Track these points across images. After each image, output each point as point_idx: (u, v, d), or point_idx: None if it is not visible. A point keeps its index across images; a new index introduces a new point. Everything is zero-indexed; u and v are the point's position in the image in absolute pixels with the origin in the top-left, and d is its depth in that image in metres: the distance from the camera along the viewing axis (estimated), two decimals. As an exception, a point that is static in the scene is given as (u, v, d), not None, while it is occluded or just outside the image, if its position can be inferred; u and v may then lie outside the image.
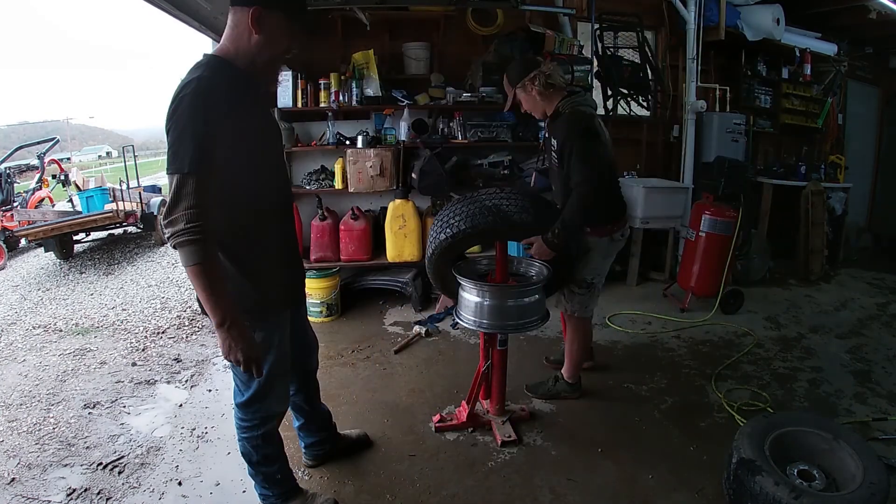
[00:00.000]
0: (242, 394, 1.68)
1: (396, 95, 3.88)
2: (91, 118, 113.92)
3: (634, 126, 4.88)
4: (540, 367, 3.00)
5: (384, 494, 2.00)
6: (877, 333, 3.55)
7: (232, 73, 1.44)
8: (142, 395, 2.84)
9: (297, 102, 3.80)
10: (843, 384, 2.82)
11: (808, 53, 5.48)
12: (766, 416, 1.99)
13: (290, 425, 2.08)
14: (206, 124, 1.34)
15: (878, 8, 4.90)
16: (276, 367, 1.65)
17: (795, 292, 4.38)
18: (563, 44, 4.09)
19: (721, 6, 4.66)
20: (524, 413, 2.48)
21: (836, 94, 5.83)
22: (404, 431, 2.40)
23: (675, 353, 3.22)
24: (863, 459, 1.70)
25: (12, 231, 6.60)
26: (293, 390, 1.93)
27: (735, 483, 1.75)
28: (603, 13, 4.50)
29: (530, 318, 2.21)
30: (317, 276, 3.67)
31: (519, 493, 2.00)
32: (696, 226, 3.83)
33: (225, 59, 1.45)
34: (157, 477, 2.12)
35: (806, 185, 4.80)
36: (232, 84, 1.43)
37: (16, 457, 2.27)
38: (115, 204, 6.47)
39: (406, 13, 3.84)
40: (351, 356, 3.18)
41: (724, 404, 2.57)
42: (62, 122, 48.74)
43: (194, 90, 1.35)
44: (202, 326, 3.82)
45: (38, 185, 8.18)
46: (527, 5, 3.93)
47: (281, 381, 1.73)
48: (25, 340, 3.76)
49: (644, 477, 2.08)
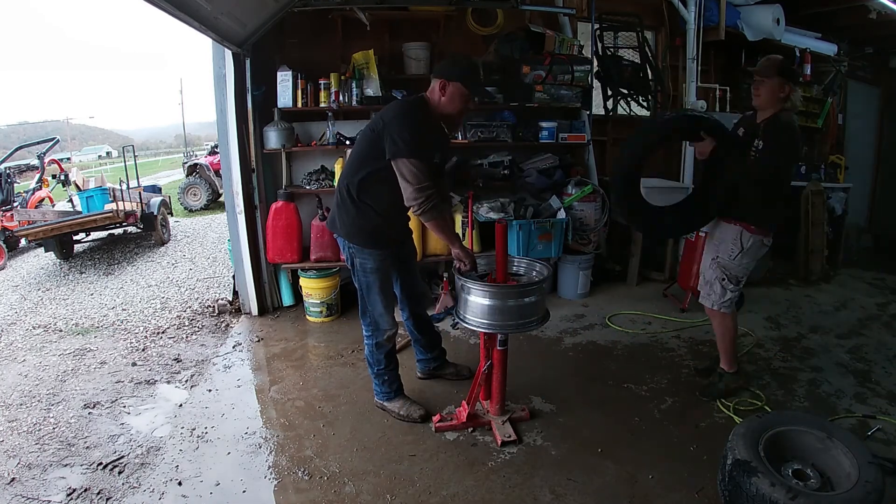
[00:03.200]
0: (360, 310, 2.46)
1: (396, 95, 3.87)
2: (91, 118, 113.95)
3: (634, 126, 4.88)
4: (540, 367, 3.00)
5: (384, 494, 2.00)
6: (877, 333, 3.55)
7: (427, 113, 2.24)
8: (142, 395, 2.84)
9: (297, 102, 3.80)
10: (843, 384, 2.82)
11: (808, 53, 5.47)
12: (759, 417, 1.98)
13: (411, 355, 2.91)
14: None
15: (878, 8, 4.91)
16: (377, 285, 2.37)
17: (795, 292, 4.38)
18: (563, 44, 4.09)
19: (721, 6, 4.66)
20: (524, 413, 2.48)
21: (836, 94, 5.83)
22: (404, 431, 2.40)
23: (675, 353, 3.22)
24: (857, 458, 1.70)
25: (12, 231, 6.60)
26: (405, 316, 2.71)
27: (730, 484, 1.75)
28: (603, 13, 4.50)
29: (530, 318, 2.21)
30: (317, 276, 3.67)
31: (519, 493, 2.00)
32: (696, 226, 3.82)
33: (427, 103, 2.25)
34: (157, 477, 2.12)
35: (806, 186, 4.80)
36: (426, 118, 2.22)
37: (16, 457, 2.27)
38: (115, 204, 6.46)
39: (406, 13, 3.85)
40: (351, 356, 3.18)
41: (722, 405, 2.57)
42: (62, 123, 48.80)
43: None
44: (202, 326, 3.82)
45: (38, 185, 8.17)
46: (527, 5, 3.94)
47: (383, 299, 2.39)
48: (25, 340, 3.76)
49: (644, 477, 2.08)
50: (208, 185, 10.94)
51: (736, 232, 2.48)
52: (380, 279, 2.37)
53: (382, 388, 2.53)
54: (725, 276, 2.53)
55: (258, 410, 2.66)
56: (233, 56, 3.47)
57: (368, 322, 2.44)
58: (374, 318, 2.42)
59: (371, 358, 2.50)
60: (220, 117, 3.63)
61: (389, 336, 2.46)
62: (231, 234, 3.81)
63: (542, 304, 2.26)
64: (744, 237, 2.46)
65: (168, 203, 8.35)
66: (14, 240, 6.84)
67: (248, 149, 3.70)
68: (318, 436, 2.39)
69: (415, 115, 2.17)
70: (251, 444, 2.33)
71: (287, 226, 3.75)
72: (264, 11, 3.30)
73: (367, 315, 2.43)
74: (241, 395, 2.79)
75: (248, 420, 2.54)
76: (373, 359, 2.49)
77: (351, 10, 3.70)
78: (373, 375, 2.54)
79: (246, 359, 3.25)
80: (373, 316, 2.41)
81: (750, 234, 2.46)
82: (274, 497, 2.03)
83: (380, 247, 2.34)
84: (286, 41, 3.94)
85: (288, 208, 3.77)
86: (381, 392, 2.54)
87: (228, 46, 3.35)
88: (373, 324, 2.43)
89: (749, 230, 2.46)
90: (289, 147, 3.80)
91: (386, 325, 2.42)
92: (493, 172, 4.03)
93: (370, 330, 2.45)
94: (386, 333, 2.44)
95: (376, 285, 2.37)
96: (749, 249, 2.48)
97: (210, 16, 2.79)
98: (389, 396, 2.53)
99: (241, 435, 2.40)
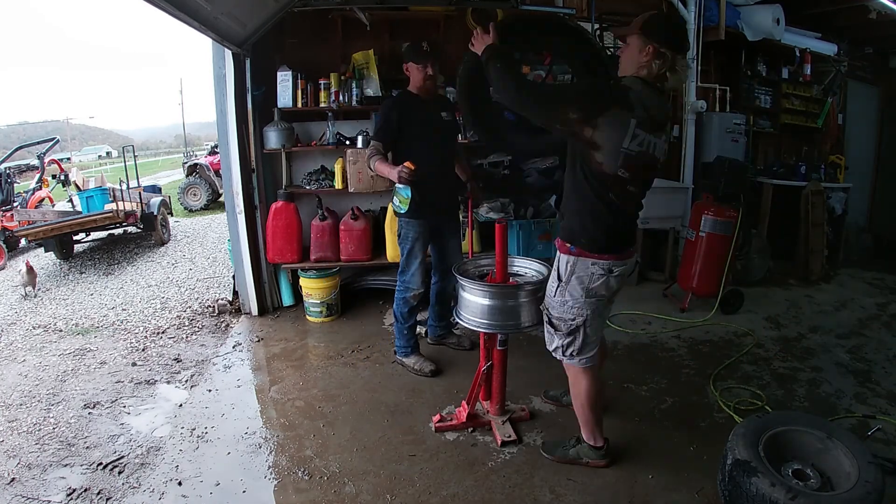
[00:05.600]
0: (399, 268, 2.88)
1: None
2: (91, 118, 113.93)
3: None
4: (540, 367, 3.00)
5: (384, 494, 2.00)
6: (877, 333, 3.55)
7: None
8: (142, 395, 2.84)
9: (297, 102, 3.80)
10: (843, 384, 2.82)
11: (808, 53, 5.48)
12: (759, 417, 1.98)
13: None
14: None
15: (878, 8, 4.90)
16: (412, 253, 2.82)
17: (795, 292, 4.38)
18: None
19: (721, 6, 4.66)
20: (524, 413, 2.48)
21: (836, 94, 5.83)
22: (404, 431, 2.40)
23: (675, 353, 3.22)
24: (857, 458, 1.70)
25: (12, 231, 6.60)
26: (435, 280, 3.06)
27: (730, 484, 1.75)
28: (603, 13, 4.50)
29: (530, 318, 2.21)
30: (317, 276, 3.67)
31: (519, 493, 2.00)
32: (697, 226, 3.83)
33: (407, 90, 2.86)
34: (157, 477, 2.12)
35: (806, 186, 4.80)
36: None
37: (16, 457, 2.27)
38: (115, 204, 6.46)
39: (406, 13, 3.84)
40: (351, 356, 3.18)
41: (723, 405, 2.57)
42: (62, 122, 48.79)
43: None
44: (202, 326, 3.82)
45: (38, 185, 8.17)
46: (527, 5, 3.93)
47: (417, 263, 2.83)
48: (25, 340, 3.76)
49: (644, 477, 2.08)
50: (208, 185, 10.94)
51: None
52: (416, 246, 2.82)
53: (401, 341, 2.95)
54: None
55: (258, 410, 2.66)
56: (233, 56, 3.47)
57: (403, 280, 2.87)
58: (407, 278, 2.86)
59: (398, 311, 2.91)
60: (220, 117, 3.63)
61: (416, 295, 2.88)
62: (231, 234, 3.81)
63: (542, 303, 2.26)
64: None
65: (168, 203, 8.35)
66: (14, 240, 6.84)
67: (248, 149, 3.70)
68: (318, 436, 2.39)
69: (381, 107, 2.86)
70: (251, 444, 2.33)
71: (287, 226, 3.75)
72: (264, 11, 3.30)
73: (405, 273, 2.86)
74: (241, 395, 2.79)
75: (248, 420, 2.54)
76: (399, 312, 2.91)
77: (351, 10, 3.70)
78: (396, 331, 2.97)
79: (246, 359, 3.25)
80: (406, 275, 2.85)
81: None
82: (274, 497, 2.03)
83: (416, 217, 2.76)
84: (286, 41, 3.94)
85: (288, 208, 3.77)
86: (400, 347, 2.96)
87: (228, 46, 3.35)
88: (406, 282, 2.86)
89: None
90: (289, 147, 3.80)
91: (415, 285, 2.85)
92: (493, 172, 4.03)
93: (402, 286, 2.87)
94: (413, 292, 2.86)
95: (413, 251, 2.83)
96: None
97: (210, 16, 2.79)
98: (407, 352, 2.95)
99: (241, 435, 2.40)
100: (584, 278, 1.89)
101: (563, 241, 1.93)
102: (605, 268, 1.88)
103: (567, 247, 1.91)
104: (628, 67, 1.87)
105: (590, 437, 2.12)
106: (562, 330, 1.98)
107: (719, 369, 2.95)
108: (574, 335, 1.96)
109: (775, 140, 5.72)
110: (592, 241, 1.87)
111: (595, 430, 2.11)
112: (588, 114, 1.76)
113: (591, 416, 2.08)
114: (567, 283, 1.91)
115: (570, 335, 1.97)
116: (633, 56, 1.85)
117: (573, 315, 1.93)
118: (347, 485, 2.05)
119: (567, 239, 1.92)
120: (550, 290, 1.99)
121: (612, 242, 1.89)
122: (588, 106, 1.78)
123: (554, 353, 2.05)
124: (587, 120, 1.76)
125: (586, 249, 1.88)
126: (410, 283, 2.86)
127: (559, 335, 1.99)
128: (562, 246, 1.94)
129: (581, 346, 1.97)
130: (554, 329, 2.00)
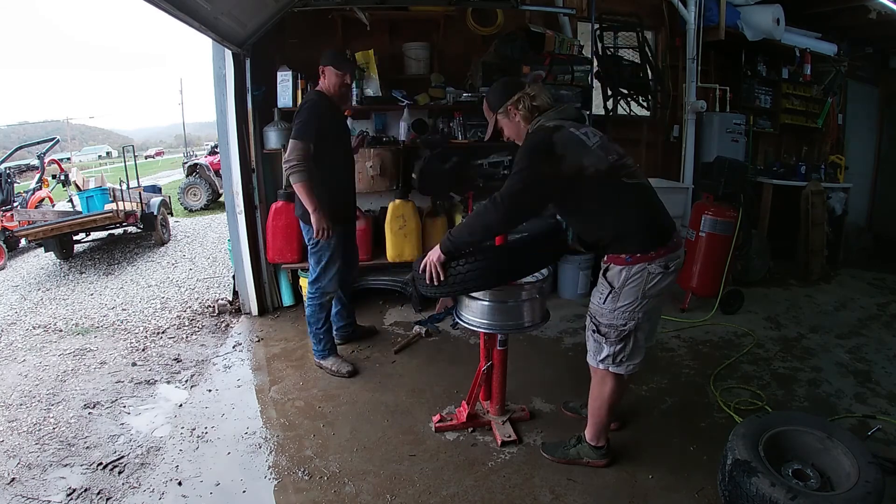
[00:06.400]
0: (312, 275, 2.91)
1: (396, 95, 3.88)
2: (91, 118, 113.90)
3: (634, 126, 4.88)
4: (540, 367, 3.00)
5: (384, 494, 2.00)
6: (877, 333, 3.55)
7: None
8: (142, 395, 2.84)
9: (296, 102, 3.78)
10: (843, 384, 2.82)
11: (808, 53, 5.48)
12: (759, 417, 1.98)
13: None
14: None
15: (878, 8, 4.90)
16: (331, 260, 2.84)
17: (795, 292, 4.38)
18: (563, 44, 4.09)
19: (721, 6, 4.66)
20: (524, 413, 2.48)
21: (836, 94, 5.83)
22: (404, 431, 2.40)
23: (676, 353, 3.22)
24: (857, 458, 1.70)
25: (12, 231, 6.60)
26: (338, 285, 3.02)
27: (730, 484, 1.74)
28: (603, 13, 4.50)
29: (530, 318, 2.21)
30: (317, 276, 3.67)
31: (519, 493, 2.00)
32: (697, 226, 3.83)
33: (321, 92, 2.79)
34: (157, 477, 2.12)
35: (806, 185, 4.80)
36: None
37: (16, 457, 2.27)
38: (115, 204, 6.47)
39: (406, 13, 3.84)
40: (351, 356, 3.18)
41: (723, 405, 2.57)
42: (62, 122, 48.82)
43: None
44: (202, 326, 3.82)
45: (38, 185, 8.18)
46: (527, 5, 3.93)
47: (332, 269, 2.86)
48: (25, 340, 3.77)
49: (644, 477, 2.08)
50: (208, 185, 10.94)
51: None
52: (336, 253, 2.86)
53: (318, 346, 2.99)
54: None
55: (258, 410, 2.66)
56: (233, 56, 3.47)
57: (319, 287, 2.91)
58: (323, 284, 2.89)
59: (313, 317, 2.95)
60: (220, 117, 3.63)
61: (330, 298, 2.99)
62: (231, 234, 3.81)
63: (542, 304, 2.26)
64: None
65: (168, 203, 8.35)
66: (14, 240, 6.84)
67: (248, 149, 3.70)
68: (318, 436, 2.39)
69: (311, 106, 2.70)
70: (251, 444, 2.33)
71: (287, 226, 3.74)
72: (264, 11, 3.30)
73: (321, 281, 2.89)
74: (241, 395, 2.79)
75: (248, 420, 2.54)
76: (314, 318, 2.95)
77: (351, 10, 3.70)
78: (312, 335, 3.00)
79: (246, 359, 3.25)
80: (323, 282, 2.89)
81: None
82: (274, 497, 2.03)
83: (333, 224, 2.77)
84: (286, 41, 3.94)
85: (288, 208, 3.76)
86: (317, 351, 3.00)
87: (228, 46, 3.35)
88: (322, 287, 2.90)
89: None
90: (289, 147, 3.80)
91: (331, 289, 2.93)
92: (493, 172, 4.02)
93: (318, 293, 2.91)
94: (328, 296, 2.95)
95: (333, 257, 2.86)
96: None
97: (210, 16, 2.79)
98: (324, 355, 2.99)
99: (241, 435, 2.40)
100: (641, 282, 1.86)
101: (616, 255, 1.90)
102: (662, 265, 1.85)
103: (622, 258, 1.88)
104: (520, 133, 2.03)
105: (594, 438, 2.12)
106: (612, 338, 1.94)
107: (719, 369, 2.95)
108: (625, 342, 1.93)
109: (775, 140, 5.72)
110: (641, 242, 1.86)
111: (603, 432, 2.11)
112: (549, 166, 1.85)
113: (606, 419, 2.08)
114: (621, 290, 1.89)
115: (621, 342, 1.93)
116: (512, 128, 2.04)
117: (625, 320, 1.90)
118: (347, 485, 2.05)
119: (619, 252, 1.89)
120: (599, 298, 1.96)
121: (657, 235, 1.88)
122: (541, 162, 1.86)
123: (601, 363, 1.99)
124: (555, 170, 1.84)
125: (642, 253, 1.85)
126: (326, 287, 2.91)
127: (609, 343, 1.95)
128: (615, 259, 1.90)
129: (631, 352, 1.95)
130: (604, 338, 1.96)
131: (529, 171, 1.85)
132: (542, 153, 1.86)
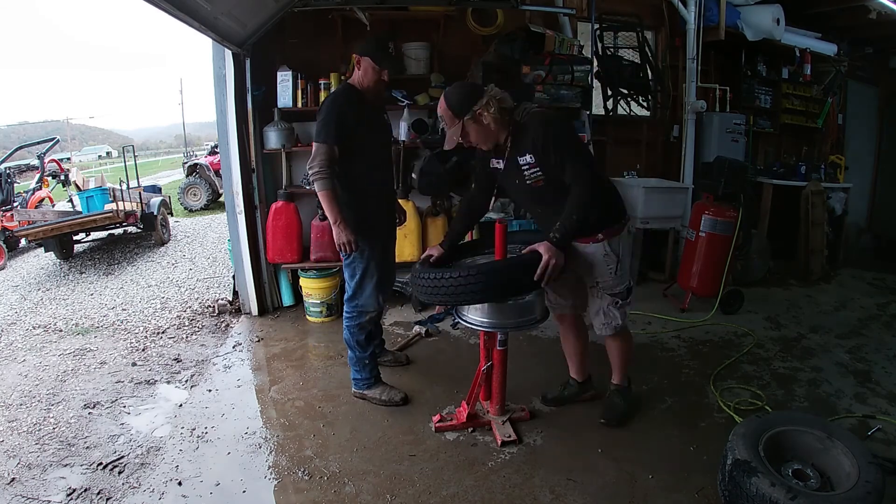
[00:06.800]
0: (348, 292, 2.55)
1: (396, 95, 3.88)
2: (91, 118, 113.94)
3: (634, 126, 4.88)
4: (540, 367, 3.00)
5: (384, 494, 2.00)
6: (877, 333, 3.55)
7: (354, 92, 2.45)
8: (142, 395, 2.84)
9: (297, 102, 3.80)
10: (843, 384, 2.82)
11: (808, 53, 5.48)
12: (759, 416, 1.98)
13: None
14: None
15: (878, 8, 4.91)
16: (366, 273, 2.49)
17: (795, 292, 4.38)
18: (563, 44, 4.09)
19: (721, 6, 4.66)
20: (524, 413, 2.48)
21: (836, 94, 5.83)
22: (404, 431, 2.40)
23: (675, 353, 3.22)
24: (857, 458, 1.70)
25: (12, 231, 6.60)
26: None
27: (730, 484, 1.74)
28: (603, 13, 4.51)
29: (530, 317, 2.21)
30: (317, 276, 3.67)
31: (519, 493, 2.00)
32: (696, 226, 3.83)
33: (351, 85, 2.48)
34: (157, 477, 2.12)
35: (806, 185, 4.80)
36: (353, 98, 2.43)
37: (16, 457, 2.27)
38: (115, 204, 6.47)
39: (406, 13, 3.84)
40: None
41: (723, 405, 2.57)
42: (62, 122, 48.80)
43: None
44: (202, 326, 3.82)
45: (38, 185, 8.18)
46: (527, 5, 3.93)
47: (370, 285, 2.50)
48: (25, 340, 3.77)
49: (644, 477, 2.08)
50: (208, 185, 10.94)
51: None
52: (371, 266, 2.52)
53: (361, 373, 2.61)
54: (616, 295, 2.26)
55: (258, 410, 2.66)
56: (233, 56, 3.47)
57: (356, 305, 2.54)
58: (361, 301, 2.53)
59: (351, 340, 2.57)
60: (220, 117, 3.63)
61: (372, 318, 2.60)
62: (231, 234, 3.81)
63: (541, 302, 2.26)
64: None
65: (168, 203, 8.35)
66: (14, 240, 6.84)
67: (248, 149, 3.70)
68: (318, 436, 2.39)
69: (331, 102, 2.42)
70: (251, 444, 2.33)
71: (287, 226, 3.75)
72: (264, 11, 3.30)
73: (358, 297, 2.53)
74: (241, 395, 2.79)
75: (248, 420, 2.54)
76: (353, 341, 2.57)
77: (351, 10, 3.70)
78: (352, 362, 2.61)
79: (246, 359, 3.25)
80: (361, 298, 2.53)
81: None
82: (274, 497, 2.03)
83: (369, 235, 2.48)
84: (286, 41, 3.94)
85: (288, 208, 3.77)
86: (360, 380, 2.63)
87: (228, 46, 3.35)
88: (360, 306, 2.54)
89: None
90: (289, 147, 3.80)
91: (372, 307, 2.55)
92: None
93: (356, 312, 2.55)
94: (368, 315, 2.56)
95: (368, 270, 2.51)
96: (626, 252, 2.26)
97: (210, 16, 2.79)
98: (370, 384, 2.62)
99: (241, 435, 2.40)
100: (629, 240, 2.26)
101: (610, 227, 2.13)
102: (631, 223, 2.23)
103: (616, 228, 2.14)
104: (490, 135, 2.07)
105: (623, 380, 2.44)
106: (628, 297, 2.26)
107: (719, 369, 2.95)
108: (630, 289, 2.27)
109: (775, 140, 5.73)
110: (621, 210, 2.19)
111: (627, 370, 2.46)
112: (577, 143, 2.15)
113: (630, 359, 2.45)
114: (622, 255, 2.17)
115: (629, 291, 2.26)
116: (481, 132, 2.05)
117: (628, 276, 2.26)
118: (347, 485, 2.05)
119: (613, 223, 2.14)
120: (610, 273, 2.16)
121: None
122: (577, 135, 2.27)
123: (621, 323, 2.28)
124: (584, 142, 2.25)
125: (624, 216, 2.20)
126: (364, 304, 2.53)
127: (622, 300, 2.24)
128: (607, 233, 2.12)
129: (630, 290, 2.29)
130: (622, 299, 2.24)
131: (580, 143, 2.15)
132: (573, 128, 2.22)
